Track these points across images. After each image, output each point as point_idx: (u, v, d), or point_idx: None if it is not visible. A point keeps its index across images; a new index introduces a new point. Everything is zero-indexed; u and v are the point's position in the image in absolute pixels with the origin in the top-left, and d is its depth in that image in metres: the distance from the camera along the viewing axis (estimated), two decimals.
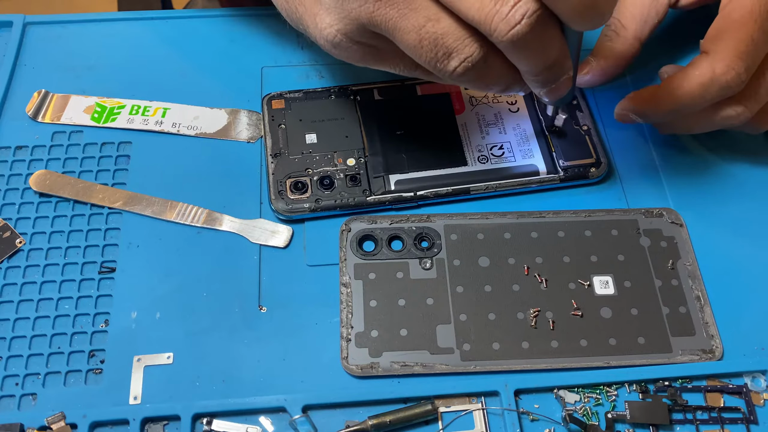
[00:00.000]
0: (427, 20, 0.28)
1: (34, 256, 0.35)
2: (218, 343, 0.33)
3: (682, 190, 0.38)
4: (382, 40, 0.30)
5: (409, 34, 0.28)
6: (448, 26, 0.28)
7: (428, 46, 0.28)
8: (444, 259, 0.35)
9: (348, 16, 0.29)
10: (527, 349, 0.33)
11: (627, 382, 0.32)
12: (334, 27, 0.30)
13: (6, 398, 0.31)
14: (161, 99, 0.40)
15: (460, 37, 0.28)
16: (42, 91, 0.40)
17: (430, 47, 0.28)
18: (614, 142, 0.40)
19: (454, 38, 0.28)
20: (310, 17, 0.31)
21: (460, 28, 0.28)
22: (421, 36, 0.28)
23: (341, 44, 0.30)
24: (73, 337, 0.33)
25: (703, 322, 0.34)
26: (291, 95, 0.40)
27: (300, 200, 0.36)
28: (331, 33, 0.30)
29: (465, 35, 0.28)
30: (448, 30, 0.28)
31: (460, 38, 0.28)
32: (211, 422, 0.31)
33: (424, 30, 0.28)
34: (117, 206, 0.36)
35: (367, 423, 0.30)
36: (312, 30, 0.32)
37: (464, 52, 0.28)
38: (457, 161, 0.38)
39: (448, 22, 0.28)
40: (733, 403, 0.32)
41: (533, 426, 0.31)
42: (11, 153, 0.38)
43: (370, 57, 0.31)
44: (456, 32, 0.28)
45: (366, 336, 0.33)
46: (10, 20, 0.43)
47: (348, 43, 0.30)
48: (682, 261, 0.35)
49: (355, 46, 0.30)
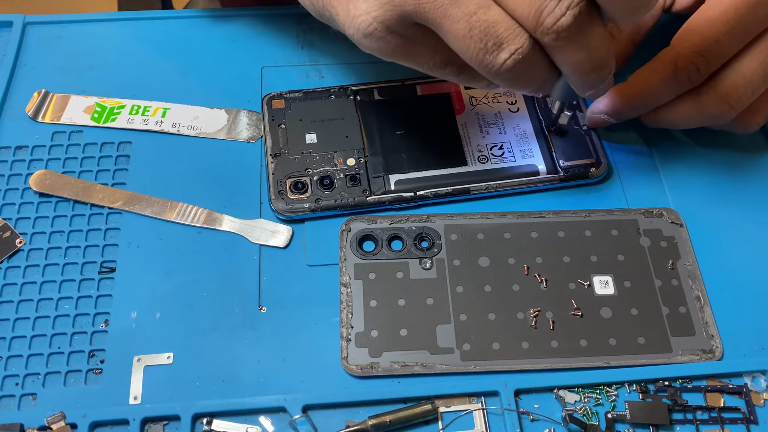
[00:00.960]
0: (478, 7, 0.27)
1: (34, 256, 0.35)
2: (218, 343, 0.33)
3: (682, 190, 0.38)
4: (419, 32, 0.29)
5: (459, 23, 0.27)
6: (498, 15, 0.27)
7: (478, 35, 0.27)
8: (444, 259, 0.35)
9: (390, 3, 0.27)
10: (527, 349, 0.33)
11: (627, 382, 0.32)
12: (371, 14, 0.28)
13: (6, 398, 0.31)
14: (161, 99, 0.40)
15: (511, 26, 0.27)
16: (42, 91, 0.40)
17: (480, 36, 0.27)
18: (614, 142, 0.40)
19: (505, 27, 0.27)
20: (342, 3, 0.29)
21: (510, 18, 0.27)
22: (472, 24, 0.27)
23: (374, 34, 0.29)
24: (73, 337, 0.33)
25: (703, 322, 0.34)
26: (291, 95, 0.40)
27: (300, 200, 0.36)
28: (366, 21, 0.28)
29: (515, 25, 0.27)
30: (499, 18, 0.27)
31: (511, 27, 0.27)
32: (211, 422, 0.31)
33: (476, 18, 0.27)
34: (117, 206, 0.36)
35: (367, 423, 0.30)
36: (342, 17, 0.30)
37: (515, 42, 0.27)
38: (457, 161, 0.38)
39: (497, 11, 0.27)
40: (733, 403, 0.32)
41: (533, 426, 0.31)
42: (11, 153, 0.38)
43: (401, 50, 0.30)
44: (507, 21, 0.27)
45: (366, 336, 0.33)
46: (10, 20, 0.43)
47: (383, 32, 0.28)
48: (682, 261, 0.35)
49: (389, 36, 0.29)
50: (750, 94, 0.34)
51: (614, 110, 0.37)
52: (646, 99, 0.36)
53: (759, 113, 0.36)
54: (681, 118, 0.36)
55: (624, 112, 0.37)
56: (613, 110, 0.37)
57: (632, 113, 0.37)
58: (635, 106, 0.37)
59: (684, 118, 0.36)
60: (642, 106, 0.37)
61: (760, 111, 0.36)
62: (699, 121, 0.36)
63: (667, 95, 0.36)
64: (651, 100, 0.36)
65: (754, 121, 0.37)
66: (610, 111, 0.37)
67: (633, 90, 0.36)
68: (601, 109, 0.38)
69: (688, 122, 0.37)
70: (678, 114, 0.36)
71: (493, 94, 0.40)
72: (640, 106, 0.37)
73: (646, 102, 0.36)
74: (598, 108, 0.38)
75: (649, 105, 0.36)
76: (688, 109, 0.36)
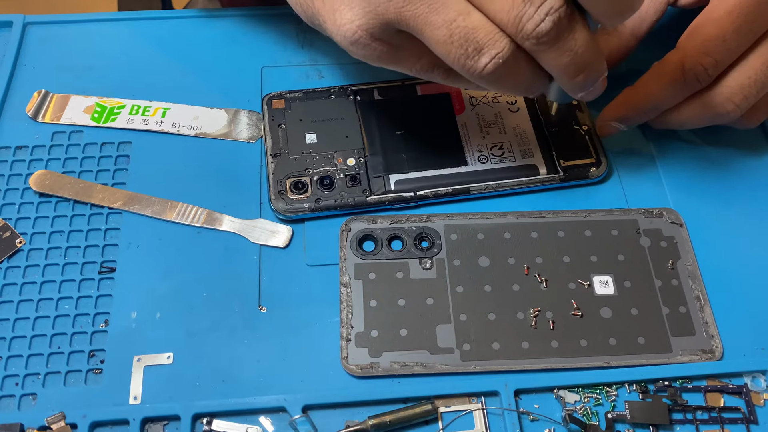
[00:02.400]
0: (458, 14, 0.27)
1: (34, 256, 0.35)
2: (218, 343, 0.33)
3: (682, 190, 0.38)
4: (404, 38, 0.29)
5: (440, 30, 0.27)
6: (478, 21, 0.27)
7: (458, 41, 0.27)
8: (444, 259, 0.35)
9: (373, 11, 0.28)
10: (527, 349, 0.33)
11: (627, 382, 0.32)
12: (355, 23, 0.29)
13: (6, 398, 0.31)
14: (161, 99, 0.40)
15: (491, 32, 0.27)
16: (42, 91, 0.40)
17: (460, 42, 0.27)
18: (614, 142, 0.40)
19: (485, 32, 0.27)
20: (329, 12, 0.30)
21: (490, 23, 0.27)
22: (452, 31, 0.27)
23: (360, 41, 0.29)
24: (73, 337, 0.33)
25: (703, 322, 0.34)
26: (291, 95, 0.40)
27: (300, 200, 0.36)
28: (351, 29, 0.29)
29: (495, 30, 0.27)
30: (479, 24, 0.27)
31: (491, 33, 0.27)
32: (211, 422, 0.31)
33: (455, 24, 0.27)
34: (117, 206, 0.36)
35: (367, 423, 0.30)
36: (329, 26, 0.30)
37: (495, 47, 0.27)
38: (457, 161, 0.38)
39: (478, 17, 0.27)
40: (733, 403, 0.32)
41: (533, 426, 0.31)
42: (11, 153, 0.38)
43: (387, 56, 0.30)
44: (487, 27, 0.27)
45: (366, 336, 0.33)
46: (10, 20, 0.43)
47: (368, 40, 0.29)
48: (682, 261, 0.35)
49: (374, 43, 0.29)
50: (755, 93, 0.34)
51: (623, 117, 0.37)
52: (654, 103, 0.36)
53: (761, 111, 0.36)
54: (687, 119, 0.36)
55: (633, 118, 0.37)
56: (623, 117, 0.37)
57: (642, 118, 0.37)
58: (644, 111, 0.36)
59: (690, 119, 0.36)
60: (651, 111, 0.36)
61: (760, 110, 0.36)
62: (705, 121, 0.36)
63: (675, 98, 0.35)
64: (660, 104, 0.36)
65: (756, 118, 0.37)
66: (619, 118, 0.37)
67: (641, 95, 0.36)
68: (610, 117, 0.37)
69: (694, 123, 0.36)
70: (684, 115, 0.36)
71: (493, 94, 0.40)
72: (649, 111, 0.36)
73: (654, 106, 0.36)
74: (607, 116, 0.38)
75: (658, 109, 0.36)
76: (694, 110, 0.36)
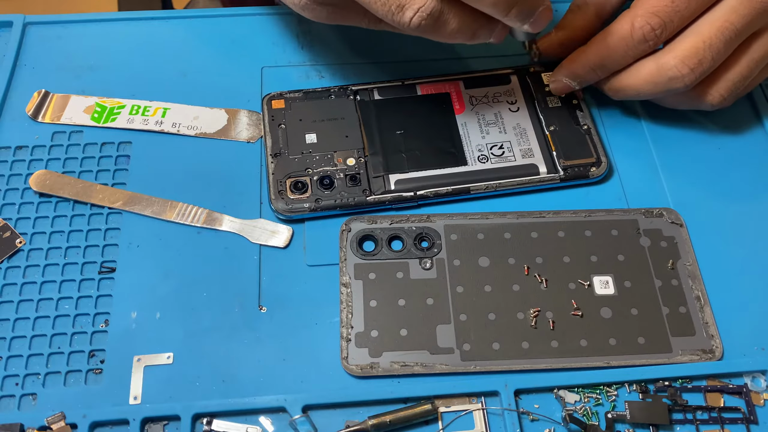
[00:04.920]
0: None
1: (34, 256, 0.35)
2: (218, 343, 0.33)
3: (682, 190, 0.38)
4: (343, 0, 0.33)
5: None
6: None
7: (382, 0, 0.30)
8: (444, 259, 0.35)
9: None
10: (527, 349, 0.33)
11: (627, 382, 0.32)
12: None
13: (6, 398, 0.31)
14: (161, 99, 0.40)
15: None
16: (42, 91, 0.40)
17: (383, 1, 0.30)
18: (614, 142, 0.40)
19: None
20: None
21: None
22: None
23: (308, 6, 0.35)
24: (73, 337, 0.33)
25: (703, 322, 0.34)
26: (291, 95, 0.40)
27: (300, 200, 0.36)
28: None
29: None
30: None
31: None
32: (211, 422, 0.31)
33: None
34: (117, 206, 0.36)
35: (367, 423, 0.30)
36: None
37: (416, 2, 0.30)
38: (457, 161, 0.38)
39: None
40: (733, 403, 0.32)
41: (533, 426, 0.31)
42: (11, 153, 0.38)
43: (335, 16, 0.35)
44: None
45: (366, 336, 0.33)
46: (10, 20, 0.43)
47: (313, 4, 0.35)
48: (682, 261, 0.35)
49: (320, 7, 0.35)
50: (710, 59, 0.34)
51: (574, 73, 0.38)
52: (603, 59, 0.36)
53: (718, 83, 0.36)
54: (642, 83, 0.36)
55: (584, 75, 0.38)
56: (573, 73, 0.38)
57: (592, 75, 0.37)
58: (594, 68, 0.37)
59: (645, 84, 0.36)
60: (600, 67, 0.37)
61: (719, 80, 0.36)
62: (659, 86, 0.36)
63: (624, 57, 0.36)
64: (608, 61, 0.36)
65: (718, 93, 0.36)
66: (570, 75, 0.38)
67: (591, 52, 0.37)
68: (562, 73, 0.38)
69: (649, 90, 0.36)
70: (638, 79, 0.36)
71: (493, 93, 0.40)
72: (598, 68, 0.37)
73: (603, 63, 0.36)
74: (559, 73, 0.38)
75: (607, 66, 0.37)
76: (647, 73, 0.36)
